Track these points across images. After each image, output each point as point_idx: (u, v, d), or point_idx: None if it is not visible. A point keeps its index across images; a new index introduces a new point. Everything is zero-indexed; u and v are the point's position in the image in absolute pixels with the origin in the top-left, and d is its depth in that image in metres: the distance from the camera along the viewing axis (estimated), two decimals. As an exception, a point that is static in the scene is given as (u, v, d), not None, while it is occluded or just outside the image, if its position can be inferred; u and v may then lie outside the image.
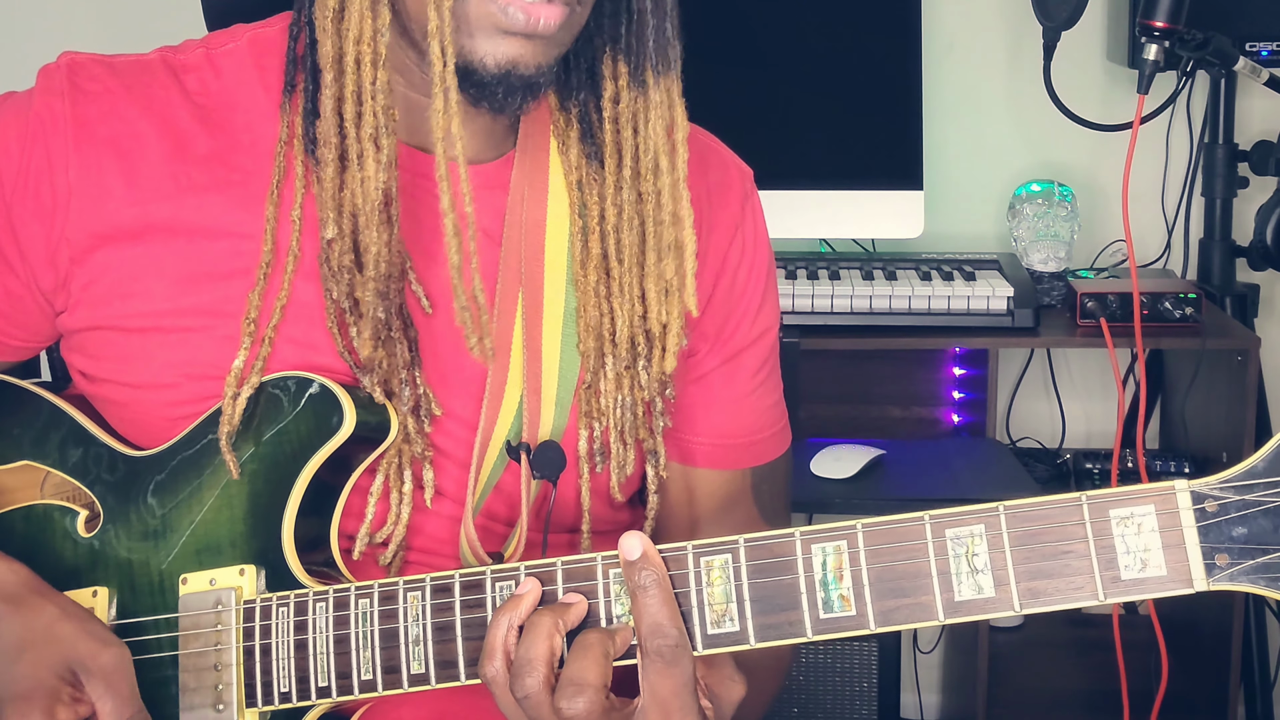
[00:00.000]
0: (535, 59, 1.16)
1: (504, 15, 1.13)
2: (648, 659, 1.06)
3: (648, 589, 1.05)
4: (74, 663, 1.18)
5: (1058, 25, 2.57)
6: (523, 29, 1.14)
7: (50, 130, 1.21)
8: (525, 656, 1.07)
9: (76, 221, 1.21)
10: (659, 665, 1.05)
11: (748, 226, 1.37)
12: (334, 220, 1.18)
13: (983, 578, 0.99)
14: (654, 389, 1.28)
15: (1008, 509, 0.98)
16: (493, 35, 1.14)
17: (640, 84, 1.23)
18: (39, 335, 1.29)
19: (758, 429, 1.40)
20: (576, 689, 1.05)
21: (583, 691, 1.04)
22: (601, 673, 1.06)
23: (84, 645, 1.19)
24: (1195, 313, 2.56)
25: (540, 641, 1.07)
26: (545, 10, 1.14)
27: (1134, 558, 0.95)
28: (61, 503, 1.28)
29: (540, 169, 1.28)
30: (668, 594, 1.06)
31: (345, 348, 1.21)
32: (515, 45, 1.15)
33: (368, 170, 1.16)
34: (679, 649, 1.05)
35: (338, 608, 1.15)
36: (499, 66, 1.15)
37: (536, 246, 1.27)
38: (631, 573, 1.06)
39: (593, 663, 1.05)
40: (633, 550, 1.06)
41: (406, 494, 1.24)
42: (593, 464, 1.29)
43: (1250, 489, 0.93)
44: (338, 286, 1.19)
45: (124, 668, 1.19)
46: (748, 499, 1.40)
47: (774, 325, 1.40)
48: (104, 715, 1.17)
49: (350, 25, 1.16)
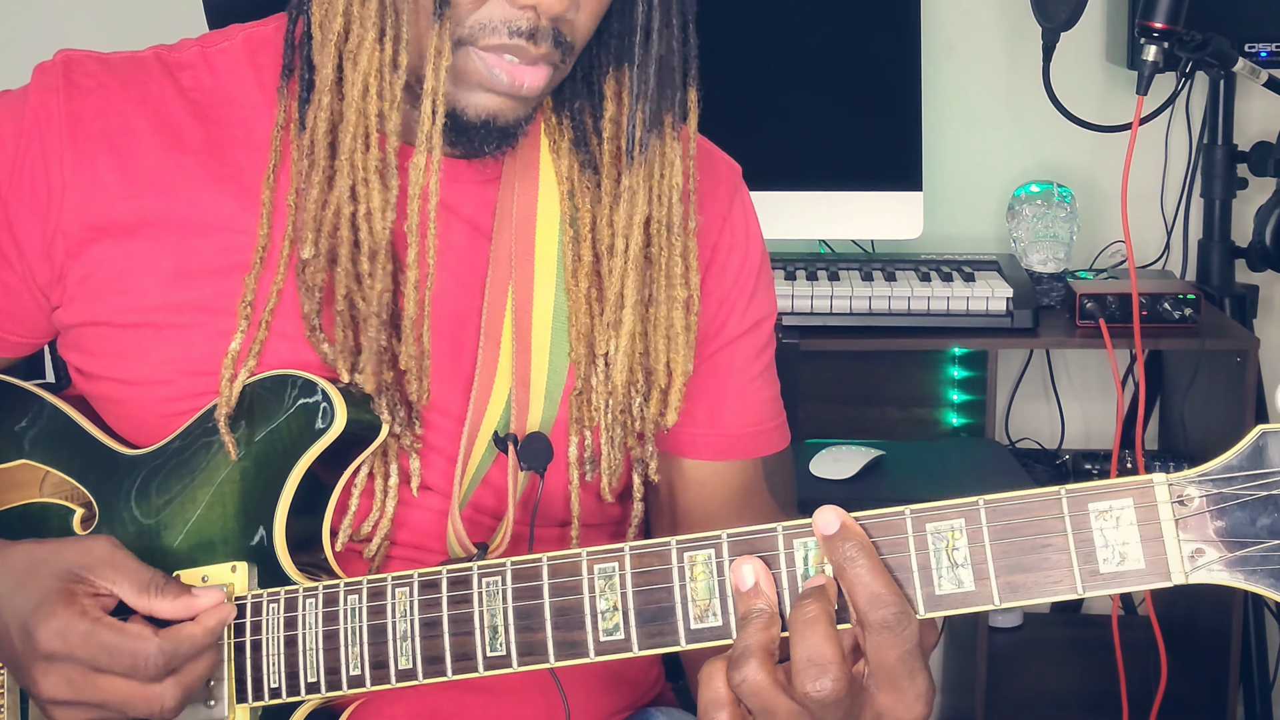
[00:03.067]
0: (514, 114, 1.19)
1: (490, 75, 1.16)
2: (871, 630, 0.98)
3: (855, 560, 0.99)
4: (70, 566, 1.16)
5: (1057, 26, 2.57)
6: (506, 90, 1.16)
7: (45, 125, 1.22)
8: (743, 644, 1.00)
9: (71, 215, 1.22)
10: (886, 635, 0.98)
11: (736, 218, 1.38)
12: (312, 240, 1.20)
13: (963, 571, 0.99)
14: (649, 426, 1.30)
15: (987, 503, 0.99)
16: (476, 90, 1.17)
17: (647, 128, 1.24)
18: (37, 331, 1.30)
19: (763, 419, 1.40)
20: (820, 669, 0.97)
21: (826, 670, 0.97)
22: (837, 644, 0.98)
23: (69, 550, 1.17)
24: (1194, 314, 2.56)
25: (829, 639, 0.98)
26: (529, 75, 1.16)
27: (1112, 551, 0.95)
28: (59, 501, 1.28)
29: (531, 165, 1.29)
30: (876, 562, 0.99)
31: (325, 358, 1.22)
32: (496, 101, 1.17)
33: (373, 203, 1.18)
34: (903, 614, 0.97)
35: (327, 604, 1.16)
36: (479, 117, 1.18)
37: (527, 241, 1.28)
38: (834, 547, 0.99)
39: (825, 637, 0.98)
40: (830, 524, 1.00)
41: (392, 487, 1.24)
42: (583, 471, 1.30)
43: (1228, 482, 0.93)
44: (310, 302, 1.21)
45: (119, 548, 1.17)
46: (762, 491, 1.41)
47: (768, 316, 1.41)
48: (126, 594, 1.15)
49: (360, 56, 1.17)
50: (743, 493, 1.39)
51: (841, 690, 0.97)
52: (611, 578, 1.08)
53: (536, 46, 1.15)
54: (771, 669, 0.99)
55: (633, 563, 1.07)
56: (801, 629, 0.98)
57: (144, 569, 1.16)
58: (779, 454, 1.42)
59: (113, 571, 1.15)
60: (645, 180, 1.24)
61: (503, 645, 1.10)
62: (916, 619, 0.99)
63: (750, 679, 0.99)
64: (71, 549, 1.17)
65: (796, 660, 0.98)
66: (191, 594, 1.16)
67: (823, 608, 0.99)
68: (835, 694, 0.97)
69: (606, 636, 1.08)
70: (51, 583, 1.15)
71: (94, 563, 1.16)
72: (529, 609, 1.10)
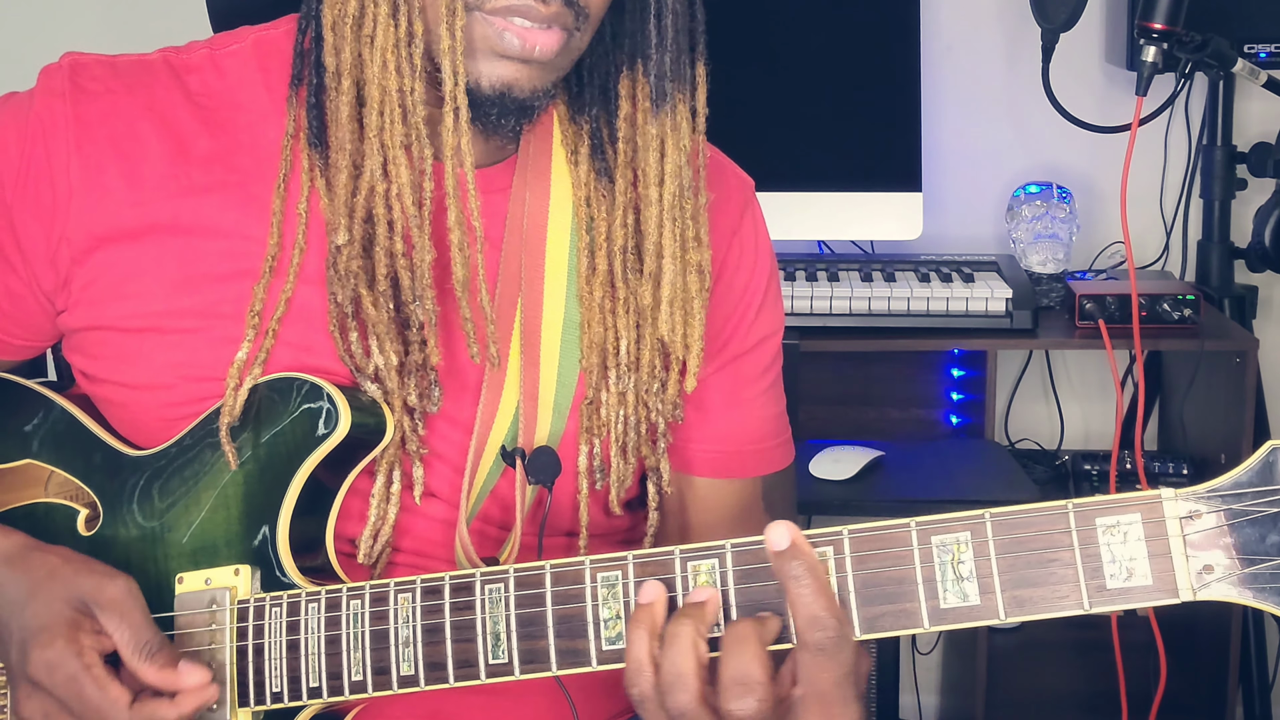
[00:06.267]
0: (531, 83, 1.17)
1: (500, 40, 1.15)
2: (807, 651, 1.01)
3: (801, 579, 1.00)
4: (83, 596, 1.16)
5: (1056, 27, 2.57)
6: (518, 54, 1.15)
7: (51, 130, 1.22)
8: (674, 672, 1.02)
9: (77, 221, 1.21)
10: (820, 658, 1.00)
11: (746, 234, 1.37)
12: (345, 226, 1.19)
13: (968, 585, 0.99)
14: (667, 410, 1.29)
15: (994, 516, 0.98)
16: (489, 58, 1.16)
17: (659, 109, 1.23)
18: (41, 335, 1.30)
19: (764, 437, 1.40)
20: (744, 688, 1.00)
21: (751, 690, 1.00)
22: (765, 666, 1.01)
23: (88, 580, 1.17)
24: (1193, 314, 2.56)
25: (687, 654, 1.02)
26: (541, 37, 1.15)
27: (1120, 566, 0.95)
28: (63, 501, 1.28)
29: (542, 175, 1.29)
30: (822, 583, 1.01)
31: (346, 351, 1.21)
32: (511, 69, 1.16)
33: (403, 179, 1.17)
34: (840, 639, 1.00)
35: (329, 608, 1.16)
36: (493, 89, 1.16)
37: (537, 252, 1.27)
38: (782, 563, 1.01)
39: (753, 658, 1.01)
40: (781, 540, 1.01)
41: (394, 493, 1.24)
42: (592, 480, 1.30)
43: (1237, 498, 0.93)
44: (343, 291, 1.20)
45: (133, 596, 1.17)
46: (759, 510, 1.40)
47: (774, 334, 1.40)
48: (121, 645, 1.15)
49: (375, 34, 1.16)
50: (739, 510, 1.38)
51: (766, 711, 1.00)
52: (615, 586, 1.08)
53: (546, 5, 1.13)
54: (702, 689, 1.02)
55: (636, 571, 1.07)
56: (733, 647, 1.01)
57: (146, 628, 1.16)
58: (781, 472, 1.42)
59: (118, 619, 1.16)
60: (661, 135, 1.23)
61: (505, 653, 1.10)
62: (853, 645, 1.01)
63: (688, 709, 1.02)
64: (90, 579, 1.18)
65: (723, 679, 1.01)
66: (177, 670, 1.15)
67: (754, 628, 1.01)
68: (759, 714, 1.00)
69: (609, 645, 1.08)
70: (60, 606, 1.15)
71: (105, 602, 1.16)
72: (532, 616, 1.10)
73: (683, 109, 1.24)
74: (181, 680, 1.15)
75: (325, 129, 1.20)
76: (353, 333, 1.21)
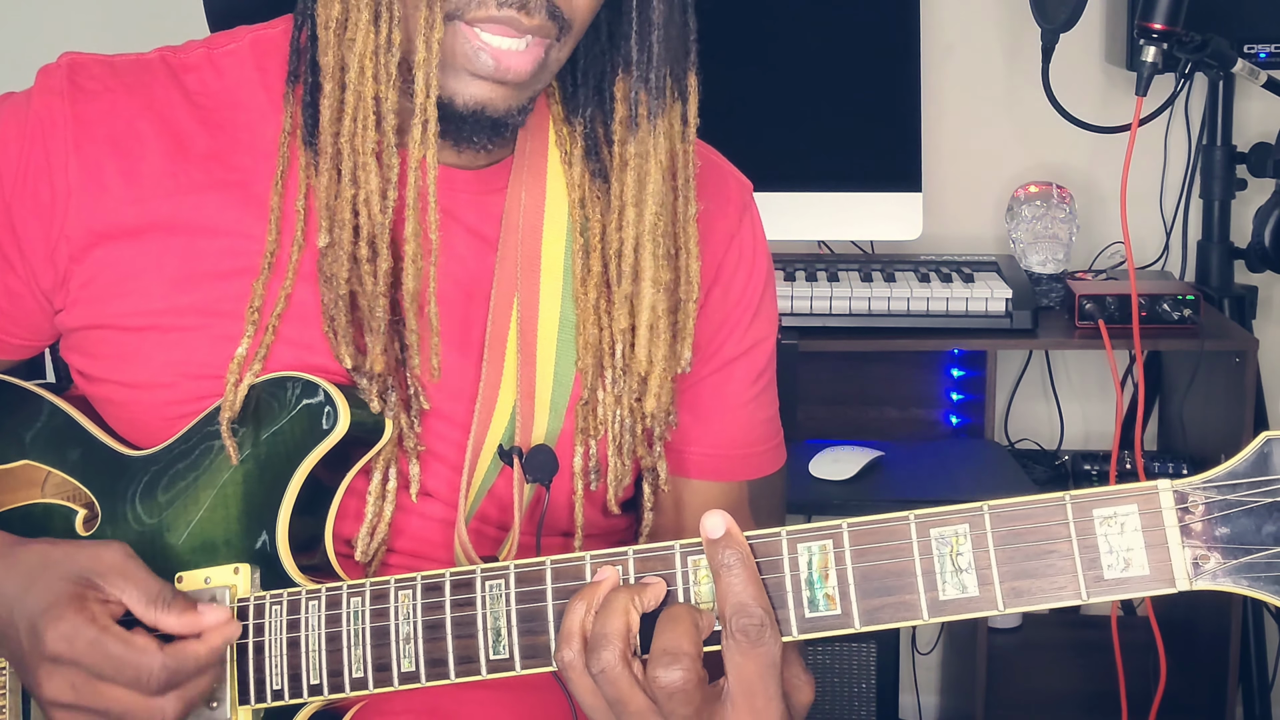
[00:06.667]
0: (505, 103, 1.18)
1: (475, 59, 1.15)
2: (732, 639, 1.03)
3: (731, 567, 1.03)
4: (81, 571, 1.16)
5: (1056, 27, 2.57)
6: (491, 75, 1.16)
7: (49, 129, 1.22)
8: (600, 632, 1.04)
9: (75, 220, 1.22)
10: (744, 645, 1.02)
11: (744, 237, 1.37)
12: (326, 229, 1.19)
13: (967, 577, 0.99)
14: (660, 420, 1.29)
15: (992, 508, 0.99)
16: (463, 76, 1.16)
17: (636, 130, 1.23)
18: (39, 334, 1.30)
19: (751, 442, 1.39)
20: (672, 658, 1.02)
21: (679, 660, 1.02)
22: (695, 642, 1.03)
23: (82, 554, 1.17)
24: (1193, 314, 2.56)
25: (616, 616, 1.04)
26: (515, 60, 1.15)
27: (1117, 557, 0.95)
28: (61, 502, 1.28)
29: (538, 176, 1.29)
30: (752, 573, 1.03)
31: (340, 351, 1.22)
32: (485, 89, 1.17)
33: (370, 185, 1.18)
34: (764, 628, 1.02)
35: (329, 606, 1.16)
36: (467, 107, 1.17)
37: (533, 252, 1.28)
38: (714, 551, 1.04)
39: (684, 633, 1.03)
40: (715, 528, 1.04)
41: (391, 491, 1.24)
42: (587, 481, 1.30)
43: (1233, 489, 0.93)
44: (329, 292, 1.20)
45: (131, 558, 1.17)
46: (745, 513, 1.40)
47: (768, 338, 1.40)
48: (133, 603, 1.15)
49: (356, 38, 1.16)
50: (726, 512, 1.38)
51: (691, 683, 1.01)
52: (615, 582, 1.08)
53: (529, 17, 1.14)
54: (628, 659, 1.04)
55: (636, 566, 1.08)
56: (666, 623, 1.04)
57: (153, 581, 1.16)
58: (768, 477, 1.42)
59: (123, 580, 1.15)
60: (651, 153, 1.23)
61: (505, 648, 1.10)
62: (779, 637, 1.03)
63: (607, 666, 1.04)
64: (84, 553, 1.17)
65: (654, 650, 1.03)
66: (197, 611, 1.16)
67: (688, 610, 1.04)
68: (684, 685, 1.01)
69: (609, 641, 1.08)
70: (62, 585, 1.14)
71: (105, 569, 1.15)
72: (532, 612, 1.10)
73: (674, 120, 1.24)
74: (204, 620, 1.15)
75: (317, 128, 1.21)
76: (341, 335, 1.21)
